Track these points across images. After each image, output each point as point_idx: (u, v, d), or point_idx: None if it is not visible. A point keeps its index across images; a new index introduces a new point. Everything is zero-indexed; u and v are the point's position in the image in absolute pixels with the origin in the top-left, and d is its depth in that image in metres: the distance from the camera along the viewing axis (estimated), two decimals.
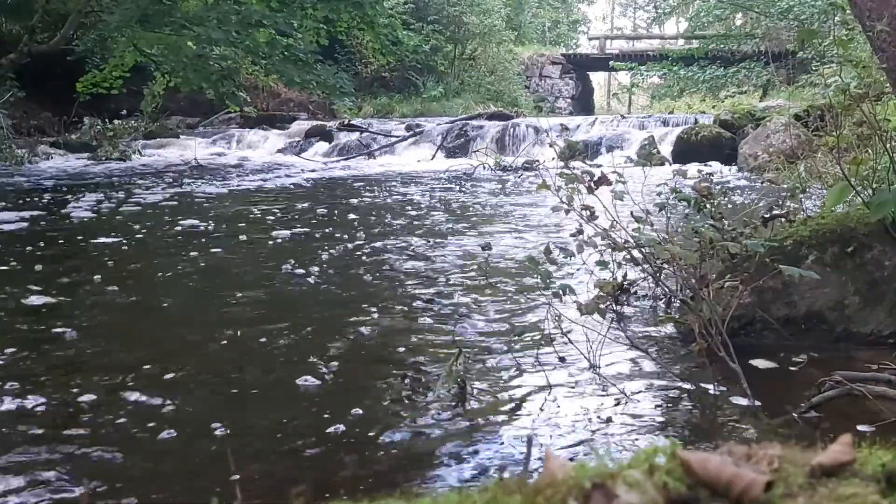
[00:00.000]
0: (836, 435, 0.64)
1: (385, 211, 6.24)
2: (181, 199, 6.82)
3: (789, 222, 2.99)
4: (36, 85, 12.84)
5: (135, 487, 1.62)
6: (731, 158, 10.12)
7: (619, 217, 2.44)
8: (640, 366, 2.37)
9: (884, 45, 2.80)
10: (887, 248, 2.54)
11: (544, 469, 0.60)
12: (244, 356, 2.53)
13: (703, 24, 20.07)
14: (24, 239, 4.62)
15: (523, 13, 27.15)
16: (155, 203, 6.53)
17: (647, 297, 3.13)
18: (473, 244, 4.54)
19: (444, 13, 21.30)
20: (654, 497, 0.55)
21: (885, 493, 0.57)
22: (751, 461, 0.60)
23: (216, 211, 6.15)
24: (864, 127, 3.08)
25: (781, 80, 16.67)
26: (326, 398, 2.13)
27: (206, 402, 2.15)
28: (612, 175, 2.43)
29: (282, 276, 3.66)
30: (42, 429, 1.90)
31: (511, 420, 1.98)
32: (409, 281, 3.61)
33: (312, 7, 12.29)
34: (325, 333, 2.79)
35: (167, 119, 15.23)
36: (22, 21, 13.29)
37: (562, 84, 24.17)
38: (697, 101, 17.14)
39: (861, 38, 6.04)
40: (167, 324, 3.03)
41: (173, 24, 11.17)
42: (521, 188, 7.99)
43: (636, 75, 22.11)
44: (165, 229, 5.07)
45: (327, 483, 1.65)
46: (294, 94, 17.69)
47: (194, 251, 4.23)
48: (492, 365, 2.39)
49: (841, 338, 2.52)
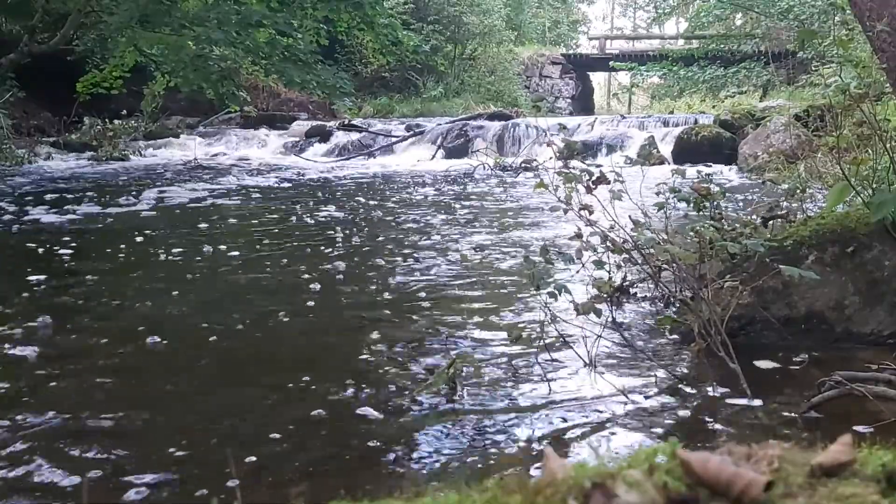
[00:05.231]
0: (836, 435, 0.64)
1: (384, 211, 6.24)
2: (181, 200, 6.82)
3: (789, 222, 2.99)
4: (36, 85, 12.83)
5: (134, 483, 1.62)
6: (731, 158, 10.12)
7: (618, 216, 2.44)
8: (639, 366, 2.37)
9: (884, 45, 2.80)
10: (887, 248, 2.54)
11: (544, 469, 0.60)
12: (244, 357, 2.53)
13: (703, 24, 20.08)
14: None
15: (523, 13, 27.14)
16: (173, 205, 6.53)
17: (647, 297, 3.13)
18: (473, 244, 4.53)
19: (444, 13, 21.29)
20: (653, 497, 0.55)
21: (885, 493, 0.57)
22: (751, 461, 0.60)
23: (213, 210, 6.15)
24: (864, 127, 3.08)
25: (781, 80, 16.68)
26: (327, 399, 2.13)
27: (206, 402, 2.16)
28: (611, 174, 2.43)
29: (279, 276, 3.66)
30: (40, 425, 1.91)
31: (509, 420, 1.98)
32: (408, 281, 3.61)
33: (312, 7, 12.28)
34: (322, 334, 2.79)
35: (167, 119, 15.22)
36: (22, 21, 13.29)
37: (562, 84, 24.16)
38: (697, 101, 17.13)
39: (861, 38, 6.04)
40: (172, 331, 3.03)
41: (173, 24, 11.16)
42: (521, 188, 7.99)
43: (636, 75, 22.11)
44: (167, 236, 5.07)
45: (327, 483, 1.65)
46: (294, 94, 17.68)
47: (192, 251, 4.24)
48: (489, 365, 2.39)
49: (841, 338, 2.52)
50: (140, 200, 6.57)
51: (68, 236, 4.74)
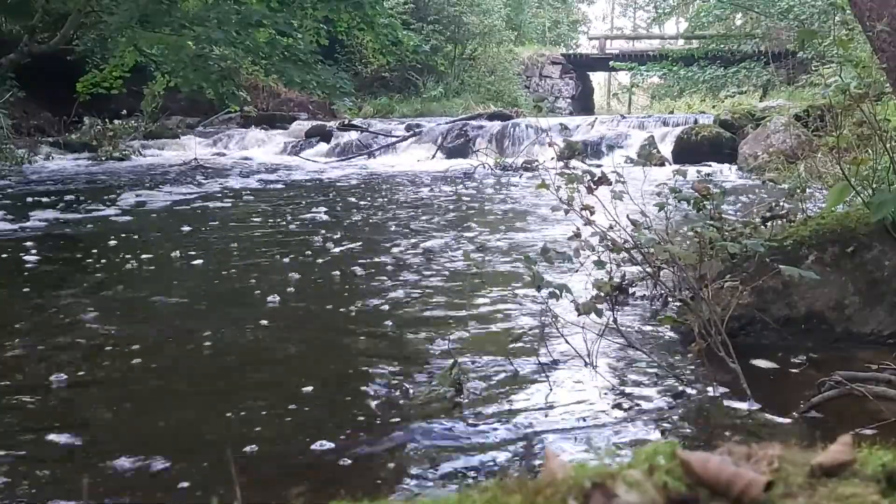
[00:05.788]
0: (836, 435, 0.64)
1: (383, 211, 6.24)
2: (181, 201, 6.82)
3: (789, 222, 2.99)
4: (36, 85, 12.84)
5: (135, 480, 1.62)
6: (731, 158, 10.12)
7: (619, 217, 2.44)
8: (639, 366, 2.37)
9: (884, 45, 2.80)
10: (887, 248, 2.54)
11: (544, 469, 0.60)
12: (242, 357, 2.53)
13: (703, 24, 20.10)
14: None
15: (523, 13, 27.14)
16: (154, 207, 6.53)
17: (647, 297, 3.13)
18: (472, 244, 4.53)
19: (444, 13, 21.29)
20: (653, 497, 0.55)
21: (885, 493, 0.57)
22: (751, 461, 0.60)
23: (199, 214, 6.14)
24: (864, 127, 3.08)
25: (781, 80, 16.68)
26: (325, 399, 2.13)
27: (205, 402, 2.16)
28: (612, 175, 2.43)
29: (277, 276, 3.66)
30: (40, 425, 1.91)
31: (510, 421, 1.98)
32: (408, 281, 3.61)
33: (312, 7, 12.28)
34: (321, 334, 2.79)
35: (167, 119, 15.23)
36: (22, 21, 13.29)
37: (562, 84, 24.16)
38: (697, 101, 17.13)
39: (861, 38, 6.04)
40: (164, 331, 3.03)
41: (173, 24, 11.17)
42: (521, 188, 7.99)
43: (636, 75, 22.13)
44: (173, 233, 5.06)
45: (327, 483, 1.65)
46: (294, 94, 17.69)
47: (192, 250, 4.23)
48: (490, 366, 2.39)
49: (841, 338, 2.52)
50: (119, 204, 6.33)
51: (30, 241, 4.49)
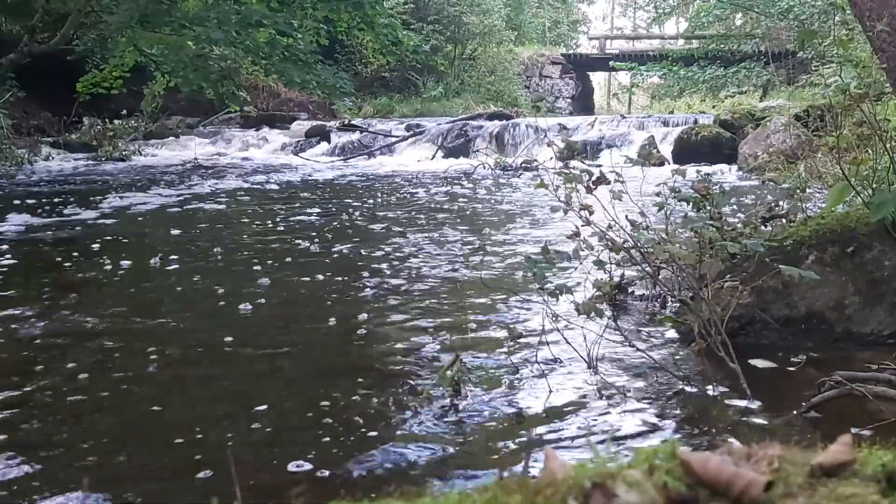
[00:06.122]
0: (836, 435, 0.64)
1: (383, 211, 6.24)
2: (172, 203, 6.82)
3: (789, 222, 2.99)
4: (36, 85, 12.84)
5: (134, 481, 1.62)
6: (731, 158, 10.13)
7: (618, 216, 2.44)
8: (638, 366, 2.37)
9: (884, 45, 2.80)
10: (887, 248, 2.54)
11: (544, 469, 0.60)
12: (241, 358, 2.53)
13: (703, 24, 20.11)
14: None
15: (523, 13, 27.15)
16: (155, 208, 6.53)
17: (646, 297, 3.13)
18: (471, 244, 4.53)
19: (444, 13, 21.30)
20: (653, 497, 0.55)
21: (885, 493, 0.57)
22: (751, 461, 0.60)
23: (190, 215, 6.14)
24: (864, 127, 3.08)
25: (781, 80, 16.69)
26: (326, 399, 2.13)
27: (204, 403, 2.16)
28: (611, 175, 2.43)
29: (276, 277, 3.66)
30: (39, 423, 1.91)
31: (510, 420, 1.98)
32: (407, 281, 3.61)
33: (312, 7, 12.29)
34: (321, 335, 2.79)
35: (167, 119, 15.23)
36: (22, 21, 13.30)
37: (562, 84, 24.17)
38: (697, 101, 17.14)
39: (861, 38, 6.05)
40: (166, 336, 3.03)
41: (173, 24, 11.17)
42: (521, 188, 7.99)
43: (636, 75, 22.14)
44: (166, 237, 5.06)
45: (327, 483, 1.65)
46: (294, 94, 17.70)
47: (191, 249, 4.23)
48: (489, 366, 2.39)
49: (841, 338, 2.52)
50: (105, 206, 6.24)
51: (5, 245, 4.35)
